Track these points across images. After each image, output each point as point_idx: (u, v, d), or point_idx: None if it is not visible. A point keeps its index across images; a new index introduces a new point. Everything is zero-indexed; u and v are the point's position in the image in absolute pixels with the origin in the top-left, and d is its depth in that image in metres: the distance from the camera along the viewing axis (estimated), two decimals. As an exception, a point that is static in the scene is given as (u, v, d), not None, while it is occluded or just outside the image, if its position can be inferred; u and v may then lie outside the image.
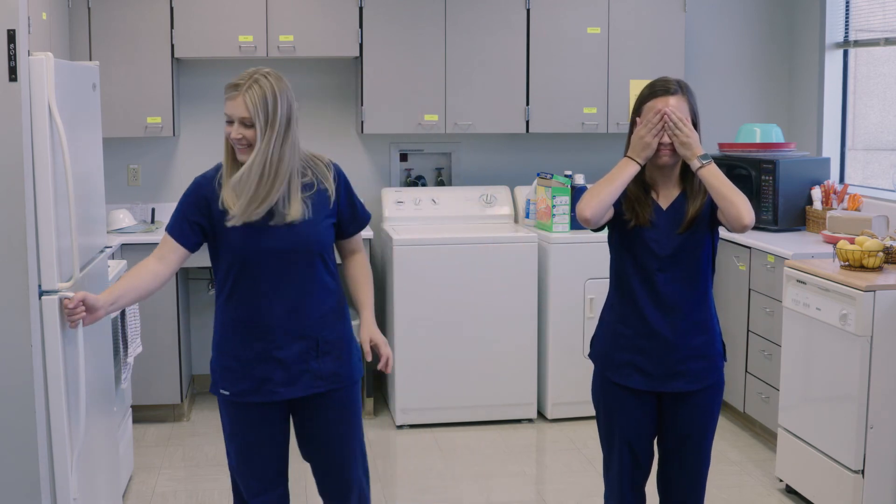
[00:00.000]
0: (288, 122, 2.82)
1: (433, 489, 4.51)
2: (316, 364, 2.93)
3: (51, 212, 3.04)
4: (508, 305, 5.27)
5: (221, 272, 2.93)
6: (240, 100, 2.78)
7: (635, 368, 3.02)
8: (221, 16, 5.37)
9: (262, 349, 2.90)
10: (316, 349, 2.93)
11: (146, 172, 5.78)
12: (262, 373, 2.91)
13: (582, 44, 5.66)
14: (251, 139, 2.79)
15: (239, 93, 2.78)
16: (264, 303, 2.89)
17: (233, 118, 2.80)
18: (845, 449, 3.92)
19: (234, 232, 2.85)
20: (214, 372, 2.99)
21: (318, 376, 2.94)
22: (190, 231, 2.89)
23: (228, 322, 2.94)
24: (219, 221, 2.86)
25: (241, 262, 2.87)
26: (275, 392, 2.92)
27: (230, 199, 2.83)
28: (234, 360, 2.93)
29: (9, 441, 3.01)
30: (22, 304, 2.97)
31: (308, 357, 2.92)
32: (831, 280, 3.98)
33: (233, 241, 2.86)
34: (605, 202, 2.91)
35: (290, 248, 2.86)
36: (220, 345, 2.97)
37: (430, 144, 5.94)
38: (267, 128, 2.78)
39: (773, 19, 6.14)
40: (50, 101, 3.02)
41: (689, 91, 2.96)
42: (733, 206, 2.85)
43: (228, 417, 2.99)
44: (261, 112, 2.77)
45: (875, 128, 5.67)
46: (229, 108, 2.81)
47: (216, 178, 2.90)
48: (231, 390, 2.94)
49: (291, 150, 2.83)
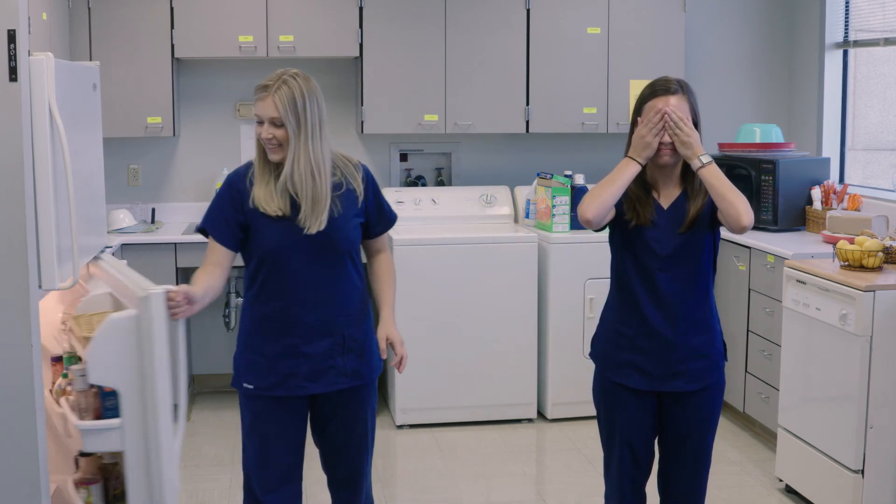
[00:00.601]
0: (321, 122, 2.91)
1: (433, 489, 4.51)
2: (341, 360, 2.99)
3: (51, 212, 3.05)
4: (508, 305, 5.27)
5: (252, 268, 2.99)
6: (269, 100, 2.86)
7: (636, 368, 3.02)
8: (221, 16, 5.37)
9: (289, 344, 2.95)
10: (342, 346, 2.99)
11: (146, 172, 5.78)
12: (288, 368, 2.96)
13: (582, 44, 5.66)
14: (281, 139, 2.87)
15: (268, 93, 2.86)
16: (293, 299, 2.94)
17: (263, 118, 2.88)
18: (845, 449, 3.92)
19: (265, 229, 2.92)
20: (238, 366, 3.02)
21: (342, 373, 2.99)
22: (233, 232, 2.96)
23: (257, 317, 2.98)
24: (251, 218, 2.93)
25: (272, 258, 2.93)
26: (300, 387, 2.97)
27: (264, 197, 2.90)
28: (260, 354, 2.97)
29: (9, 441, 3.01)
30: (22, 303, 2.97)
31: (334, 353, 2.98)
32: (831, 280, 3.98)
33: (264, 238, 2.92)
34: (607, 203, 2.91)
35: (319, 245, 2.92)
36: (246, 339, 3.01)
37: (430, 144, 5.94)
38: (300, 129, 2.86)
39: (773, 19, 6.14)
40: (50, 101, 3.02)
41: (689, 91, 2.96)
42: (732, 206, 2.85)
43: (250, 412, 3.01)
44: (290, 112, 2.85)
45: (875, 128, 5.67)
46: (259, 109, 2.88)
47: (248, 176, 2.96)
48: (255, 384, 2.97)
49: (329, 150, 2.94)
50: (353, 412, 3.05)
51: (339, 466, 3.10)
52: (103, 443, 2.79)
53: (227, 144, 5.81)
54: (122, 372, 2.78)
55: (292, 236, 2.90)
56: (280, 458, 3.02)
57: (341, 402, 3.03)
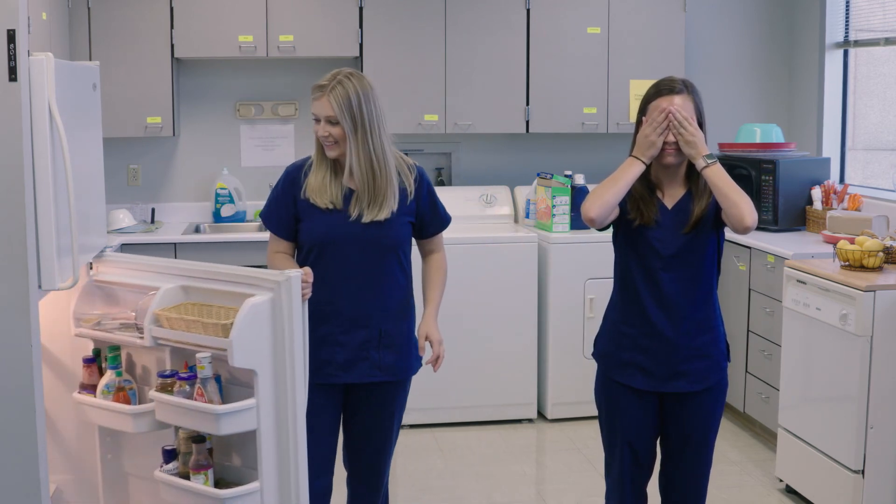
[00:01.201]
0: (378, 119, 3.02)
1: (433, 489, 4.51)
2: (376, 354, 3.06)
3: (51, 212, 3.04)
4: (508, 305, 5.27)
5: (301, 256, 3.09)
6: (324, 100, 2.98)
7: (638, 368, 3.02)
8: (221, 16, 5.37)
9: (326, 332, 3.03)
10: (378, 340, 3.06)
11: (146, 172, 5.78)
12: (325, 355, 3.04)
13: (582, 44, 5.66)
14: (337, 136, 2.98)
15: (324, 93, 2.99)
16: (335, 289, 3.03)
17: (319, 117, 3.01)
18: (845, 449, 3.92)
19: (316, 219, 3.03)
20: None
21: (376, 366, 3.07)
22: (287, 225, 3.09)
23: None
24: (302, 207, 3.05)
25: (320, 248, 3.03)
26: (333, 375, 3.05)
27: (317, 189, 3.02)
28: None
29: (9, 441, 3.01)
30: (22, 304, 2.97)
31: (369, 346, 3.05)
32: (831, 280, 3.98)
33: (314, 228, 3.04)
34: (610, 202, 2.91)
35: (366, 240, 3.02)
36: None
37: (430, 144, 5.94)
38: (357, 127, 2.98)
39: (773, 19, 6.14)
40: (50, 101, 3.02)
41: (694, 91, 2.96)
42: (736, 206, 2.85)
43: None
44: (346, 111, 2.96)
45: (875, 128, 5.67)
46: (315, 108, 3.01)
47: (304, 168, 3.08)
48: None
49: (390, 146, 3.06)
50: (381, 407, 3.12)
51: (360, 460, 3.15)
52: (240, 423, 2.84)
53: (227, 144, 5.81)
54: (260, 353, 2.85)
55: (341, 229, 3.01)
56: (317, 448, 3.04)
57: (372, 395, 3.10)
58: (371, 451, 3.15)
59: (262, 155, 5.82)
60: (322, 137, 3.01)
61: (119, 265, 3.43)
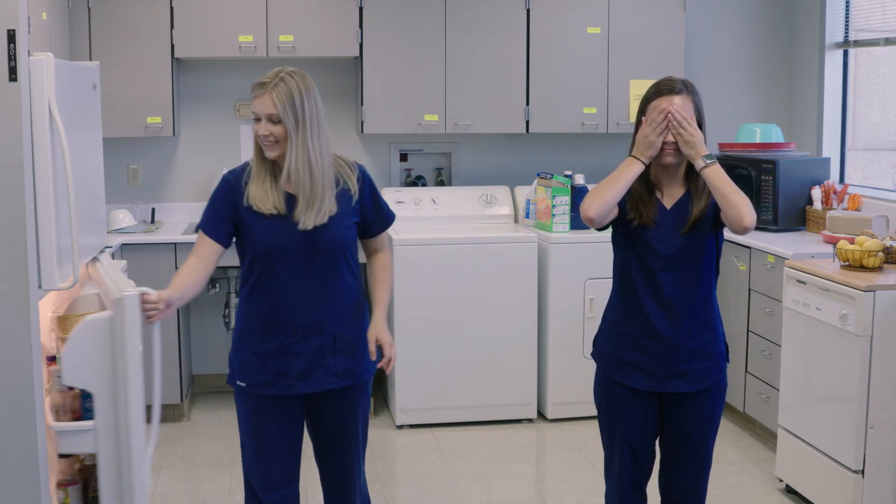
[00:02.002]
0: (318, 118, 2.93)
1: (433, 489, 4.51)
2: (332, 360, 2.99)
3: (51, 212, 3.05)
4: (508, 305, 5.27)
5: (245, 266, 3.00)
6: (266, 97, 2.88)
7: (637, 368, 3.02)
8: (221, 16, 5.37)
9: (280, 343, 2.96)
10: (333, 345, 2.99)
11: (146, 172, 5.78)
12: (280, 366, 2.97)
13: (582, 44, 5.66)
14: (279, 135, 2.89)
15: (266, 90, 2.89)
16: (285, 297, 2.95)
17: (260, 115, 2.90)
18: (845, 449, 3.92)
19: (259, 228, 2.93)
20: (232, 363, 3.05)
21: (333, 372, 3.00)
22: (223, 228, 2.97)
23: (250, 315, 3.00)
24: (244, 217, 2.94)
25: (265, 256, 2.94)
26: (291, 385, 2.98)
27: (259, 196, 2.92)
28: (252, 352, 2.99)
29: (9, 441, 3.01)
30: (22, 304, 2.97)
31: (325, 353, 2.98)
32: (831, 280, 3.98)
33: (257, 237, 2.94)
34: (609, 202, 2.91)
35: (312, 244, 2.94)
36: (239, 337, 3.03)
37: (430, 144, 5.94)
38: (298, 126, 2.89)
39: (773, 19, 6.14)
40: (50, 101, 3.02)
41: (694, 91, 2.96)
42: (735, 207, 2.85)
43: (245, 409, 3.04)
44: (289, 109, 2.87)
45: (875, 128, 5.67)
46: (257, 106, 2.90)
47: (244, 175, 2.98)
48: (248, 381, 2.99)
49: (328, 147, 2.96)
50: (344, 412, 3.06)
51: (330, 465, 3.11)
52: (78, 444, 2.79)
53: (227, 144, 5.81)
54: (95, 373, 2.78)
55: (286, 235, 2.92)
56: (278, 458, 3.03)
57: (333, 401, 3.04)
58: (340, 456, 3.09)
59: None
60: (262, 137, 2.89)
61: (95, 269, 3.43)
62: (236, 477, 4.59)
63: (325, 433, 3.09)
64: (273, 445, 3.02)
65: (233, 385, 3.05)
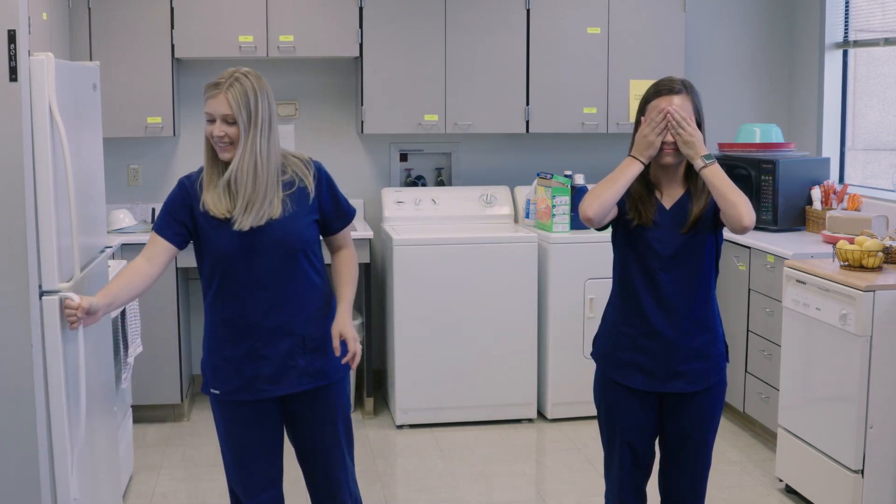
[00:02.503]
0: (270, 120, 2.88)
1: (433, 489, 4.51)
2: (303, 361, 2.96)
3: (51, 212, 3.05)
4: (508, 305, 5.27)
5: (206, 272, 2.95)
6: (221, 97, 2.83)
7: (637, 368, 3.02)
8: (221, 16, 5.37)
9: (249, 347, 2.93)
10: (302, 346, 2.95)
11: (146, 172, 5.78)
12: (251, 371, 2.94)
13: (582, 44, 5.66)
14: (234, 137, 2.84)
15: (220, 91, 2.83)
16: (249, 301, 2.91)
17: (215, 116, 2.85)
18: (845, 449, 3.92)
19: (216, 233, 2.88)
20: (205, 371, 3.02)
21: (304, 373, 2.96)
22: (177, 229, 2.92)
23: (217, 321, 2.97)
24: (201, 223, 2.90)
25: (224, 261, 2.90)
26: (263, 390, 2.95)
27: (212, 201, 2.87)
28: (222, 359, 2.96)
29: (9, 441, 3.01)
30: (22, 304, 2.97)
31: (294, 354, 2.95)
32: (831, 280, 3.98)
33: (215, 241, 2.89)
34: (608, 202, 2.91)
35: (271, 245, 2.89)
36: (209, 344, 3.00)
37: (430, 144, 5.94)
38: (250, 126, 2.83)
39: (773, 19, 6.14)
40: (50, 101, 3.02)
41: (693, 91, 2.96)
42: (734, 207, 2.85)
43: (221, 416, 3.02)
44: (243, 109, 2.82)
45: (875, 128, 5.67)
46: (211, 107, 2.85)
47: (199, 180, 2.93)
48: (221, 389, 2.97)
49: (276, 148, 2.90)
50: (322, 412, 3.01)
51: (314, 468, 3.06)
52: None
53: (227, 144, 5.80)
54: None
55: (244, 238, 2.86)
56: (258, 463, 3.00)
57: (309, 402, 3.00)
58: (322, 459, 3.04)
59: (262, 155, 5.81)
60: (217, 138, 2.84)
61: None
62: (236, 477, 4.59)
63: (304, 437, 3.04)
64: (251, 451, 2.99)
65: (207, 393, 3.02)
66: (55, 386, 3.08)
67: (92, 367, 3.43)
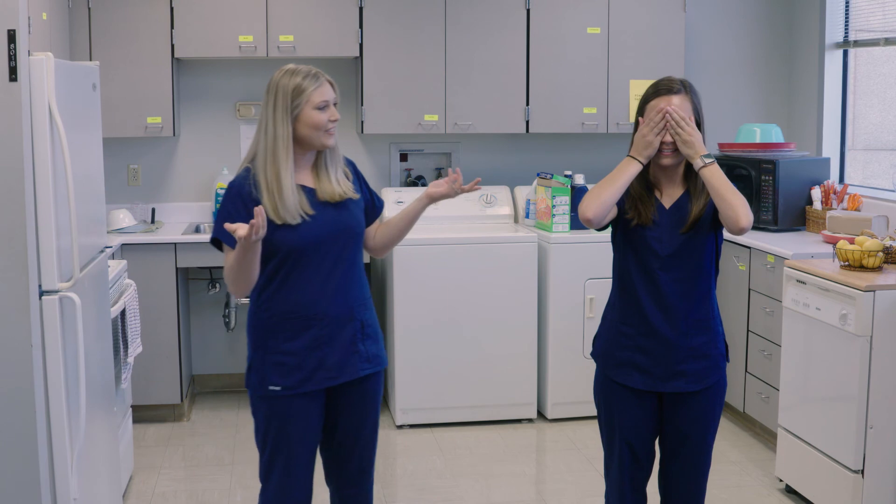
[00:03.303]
0: None
1: (433, 489, 4.51)
2: (362, 346, 3.00)
3: (51, 212, 3.05)
4: (508, 305, 5.27)
5: (271, 267, 2.90)
6: (326, 85, 2.94)
7: (636, 367, 3.02)
8: (221, 16, 5.37)
9: (312, 337, 2.93)
10: (362, 331, 3.00)
11: (146, 172, 5.78)
12: (315, 361, 2.93)
13: (582, 44, 5.66)
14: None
15: (322, 79, 2.93)
16: (317, 290, 2.92)
17: (328, 102, 2.91)
18: (845, 449, 3.92)
19: (284, 230, 2.85)
20: (259, 371, 2.94)
21: (364, 359, 3.00)
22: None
23: (275, 316, 2.92)
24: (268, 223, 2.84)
25: (297, 254, 2.88)
26: (329, 378, 2.95)
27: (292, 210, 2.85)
28: (284, 353, 2.92)
29: (9, 441, 3.02)
30: (22, 304, 2.98)
31: (356, 340, 2.98)
32: (831, 280, 3.98)
33: (286, 237, 2.86)
34: (607, 202, 2.91)
35: (341, 232, 2.94)
36: (264, 342, 2.94)
37: (430, 144, 5.94)
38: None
39: (773, 19, 6.14)
40: (50, 101, 3.02)
41: (692, 91, 2.96)
42: (731, 207, 2.85)
43: (274, 416, 2.94)
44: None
45: (875, 128, 5.67)
46: (322, 94, 2.91)
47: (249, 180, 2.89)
48: (283, 384, 2.92)
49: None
50: (369, 398, 3.05)
51: (350, 460, 3.07)
52: None
53: (227, 144, 5.81)
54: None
55: (316, 229, 2.88)
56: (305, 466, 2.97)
57: (359, 389, 3.02)
58: (361, 446, 3.06)
59: (262, 155, 5.81)
60: (333, 123, 2.91)
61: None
62: (236, 477, 4.59)
63: (348, 425, 3.03)
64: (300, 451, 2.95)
65: (261, 393, 2.95)
66: (55, 386, 3.08)
67: (92, 368, 3.43)
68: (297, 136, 2.89)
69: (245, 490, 4.45)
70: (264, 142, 2.88)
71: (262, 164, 2.88)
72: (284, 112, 2.86)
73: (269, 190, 2.85)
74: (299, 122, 2.88)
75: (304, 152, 2.94)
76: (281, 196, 2.84)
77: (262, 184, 2.86)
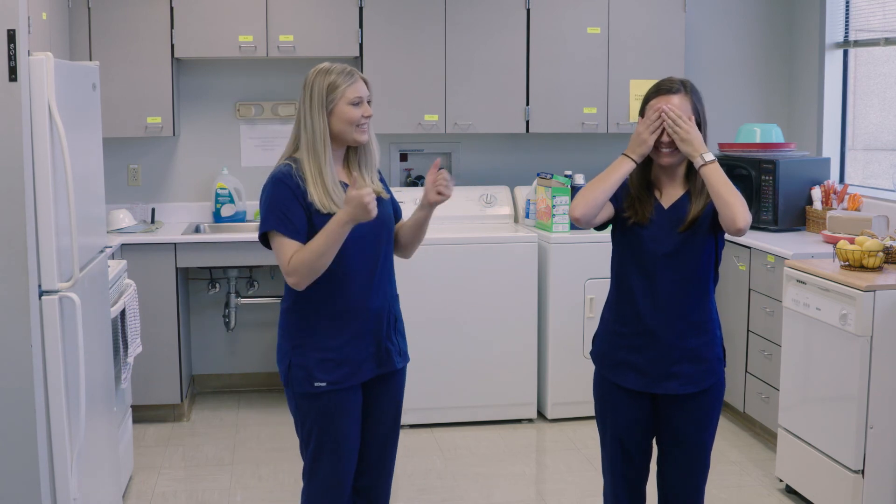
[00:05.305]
0: None
1: (433, 489, 4.51)
2: (396, 339, 3.07)
3: (51, 212, 3.05)
4: (508, 305, 5.27)
5: None
6: (360, 81, 2.98)
7: (631, 368, 3.02)
8: (221, 16, 5.37)
9: (353, 332, 2.95)
10: (395, 325, 3.07)
11: (146, 172, 5.78)
12: (356, 355, 2.96)
13: (582, 44, 5.66)
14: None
15: (356, 76, 2.98)
16: (358, 285, 2.94)
17: (362, 98, 2.95)
18: (845, 449, 3.92)
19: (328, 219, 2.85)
20: (303, 368, 2.93)
21: (398, 352, 3.07)
22: (305, 228, 2.87)
23: (315, 313, 2.93)
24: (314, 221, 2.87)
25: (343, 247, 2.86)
26: (371, 370, 2.99)
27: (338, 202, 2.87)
28: (324, 349, 2.93)
29: (9, 441, 3.01)
30: (22, 304, 2.98)
31: (391, 332, 3.05)
32: (831, 280, 3.98)
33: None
34: (596, 201, 2.91)
35: (381, 227, 2.97)
36: (307, 338, 2.93)
37: (430, 144, 5.94)
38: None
39: (773, 19, 6.14)
40: (50, 101, 3.02)
41: (693, 91, 2.96)
42: (729, 207, 2.84)
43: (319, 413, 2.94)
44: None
45: (875, 128, 5.67)
46: (357, 91, 2.95)
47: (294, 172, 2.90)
48: (328, 380, 2.92)
49: None
50: (395, 392, 3.11)
51: (378, 453, 3.09)
52: None
53: (227, 144, 5.81)
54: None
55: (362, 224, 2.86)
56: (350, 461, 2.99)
57: (387, 383, 3.07)
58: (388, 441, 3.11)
59: (262, 155, 5.82)
60: (367, 119, 2.95)
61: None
62: (236, 477, 4.59)
63: (378, 420, 3.06)
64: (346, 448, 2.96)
65: (305, 391, 2.93)
66: (55, 386, 3.08)
67: (92, 368, 3.43)
68: (332, 131, 2.93)
69: (245, 490, 4.45)
70: (304, 137, 2.93)
71: (305, 158, 2.92)
72: (320, 107, 2.92)
73: (315, 182, 2.89)
74: (333, 116, 2.93)
75: (338, 148, 2.98)
76: (325, 189, 2.89)
77: (307, 176, 2.89)
